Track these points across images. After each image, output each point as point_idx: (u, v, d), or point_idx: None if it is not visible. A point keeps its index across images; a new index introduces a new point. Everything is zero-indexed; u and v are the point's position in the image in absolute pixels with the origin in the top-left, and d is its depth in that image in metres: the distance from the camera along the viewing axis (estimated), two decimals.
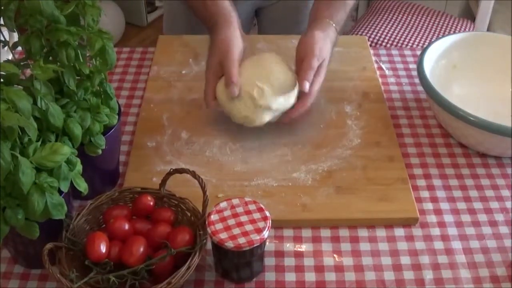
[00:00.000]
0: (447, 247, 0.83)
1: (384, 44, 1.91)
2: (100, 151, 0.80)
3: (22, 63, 0.75)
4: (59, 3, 0.73)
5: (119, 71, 1.16)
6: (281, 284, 0.78)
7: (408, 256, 0.82)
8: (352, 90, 1.09)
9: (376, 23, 2.02)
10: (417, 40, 1.93)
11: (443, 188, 0.92)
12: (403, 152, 0.98)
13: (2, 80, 0.70)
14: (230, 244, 0.72)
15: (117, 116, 0.83)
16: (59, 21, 0.72)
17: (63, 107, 0.75)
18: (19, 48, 0.76)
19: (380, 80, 1.13)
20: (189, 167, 0.80)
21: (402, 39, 1.94)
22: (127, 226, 0.76)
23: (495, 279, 0.79)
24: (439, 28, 2.01)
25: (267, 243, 0.80)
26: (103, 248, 0.72)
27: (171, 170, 0.79)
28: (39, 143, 0.69)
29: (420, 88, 1.10)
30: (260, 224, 0.74)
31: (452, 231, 0.86)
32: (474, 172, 0.95)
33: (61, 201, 0.68)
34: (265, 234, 0.73)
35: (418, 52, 1.20)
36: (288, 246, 0.83)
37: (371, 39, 1.92)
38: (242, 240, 0.72)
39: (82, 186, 0.73)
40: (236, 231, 0.73)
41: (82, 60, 0.76)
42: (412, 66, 1.18)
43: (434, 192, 0.92)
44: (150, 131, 0.99)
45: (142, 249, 0.72)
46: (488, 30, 2.13)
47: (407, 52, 1.23)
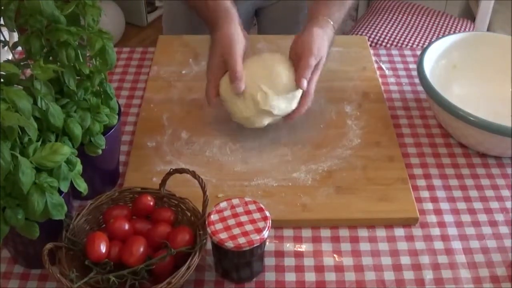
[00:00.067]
0: (447, 247, 0.83)
1: (384, 44, 1.91)
2: (100, 151, 0.80)
3: (22, 63, 0.75)
4: (59, 3, 0.73)
5: (119, 71, 1.16)
6: (281, 284, 0.78)
7: (408, 256, 0.82)
8: (352, 90, 1.09)
9: (376, 23, 2.02)
10: (417, 40, 1.93)
11: (443, 188, 0.92)
12: (403, 152, 0.98)
13: (2, 80, 0.70)
14: (230, 244, 0.72)
15: (117, 116, 0.83)
16: (59, 21, 0.72)
17: (63, 107, 0.75)
18: (19, 48, 0.76)
19: (380, 80, 1.13)
20: (189, 167, 0.80)
21: (402, 39, 1.94)
22: (127, 226, 0.76)
23: (495, 279, 0.79)
24: (439, 28, 2.01)
25: (267, 243, 0.80)
26: (103, 248, 0.72)
27: (171, 170, 0.79)
28: (39, 143, 0.69)
29: (420, 88, 1.10)
30: (260, 224, 0.74)
31: (452, 231, 0.86)
32: (474, 172, 0.95)
33: (61, 201, 0.68)
34: (265, 234, 0.73)
35: (418, 52, 1.20)
36: (288, 246, 0.83)
37: (371, 39, 1.91)
38: (242, 240, 0.72)
39: (82, 186, 0.73)
40: (236, 231, 0.73)
41: (82, 60, 0.76)
42: (412, 66, 1.18)
43: (434, 192, 0.92)
44: (150, 131, 0.99)
45: (142, 249, 0.72)
46: (488, 30, 2.13)
47: (407, 52, 1.23)
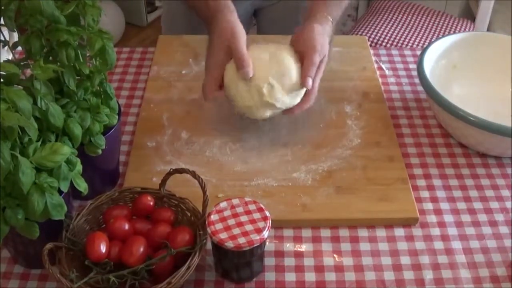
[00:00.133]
0: (447, 247, 0.83)
1: (384, 44, 1.91)
2: (100, 151, 0.80)
3: (22, 63, 0.75)
4: (59, 3, 0.73)
5: (119, 71, 1.16)
6: (281, 284, 0.78)
7: (408, 256, 0.82)
8: (352, 90, 1.09)
9: (376, 23, 2.02)
10: (417, 40, 1.93)
11: (443, 188, 0.92)
12: (403, 152, 0.98)
13: (2, 80, 0.70)
14: (230, 244, 0.72)
15: (117, 116, 0.83)
16: (59, 21, 0.72)
17: (63, 107, 0.75)
18: (19, 48, 0.76)
19: (380, 80, 1.13)
20: (189, 167, 0.80)
21: (402, 39, 1.94)
22: (127, 226, 0.76)
23: (495, 279, 0.79)
24: (439, 28, 2.01)
25: (267, 243, 0.80)
26: (103, 248, 0.72)
27: (171, 170, 0.79)
28: (39, 143, 0.68)
29: (420, 88, 1.10)
30: (260, 224, 0.74)
31: (452, 231, 0.86)
32: (474, 172, 0.95)
33: (61, 201, 0.68)
34: (265, 234, 0.73)
35: (418, 52, 1.20)
36: (288, 246, 0.83)
37: (371, 39, 1.92)
38: (242, 240, 0.72)
39: (82, 186, 0.73)
40: (236, 231, 0.73)
41: (82, 60, 0.76)
42: (412, 66, 1.18)
43: (434, 192, 0.92)
44: (150, 131, 0.99)
45: (142, 249, 0.72)
46: (488, 30, 2.13)
47: (407, 52, 1.23)
